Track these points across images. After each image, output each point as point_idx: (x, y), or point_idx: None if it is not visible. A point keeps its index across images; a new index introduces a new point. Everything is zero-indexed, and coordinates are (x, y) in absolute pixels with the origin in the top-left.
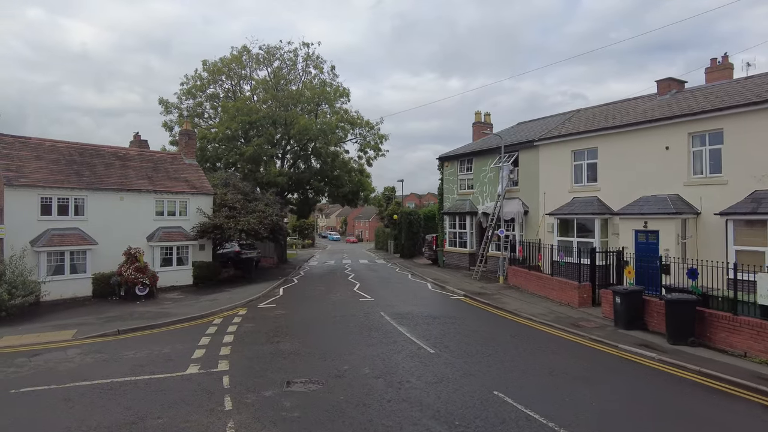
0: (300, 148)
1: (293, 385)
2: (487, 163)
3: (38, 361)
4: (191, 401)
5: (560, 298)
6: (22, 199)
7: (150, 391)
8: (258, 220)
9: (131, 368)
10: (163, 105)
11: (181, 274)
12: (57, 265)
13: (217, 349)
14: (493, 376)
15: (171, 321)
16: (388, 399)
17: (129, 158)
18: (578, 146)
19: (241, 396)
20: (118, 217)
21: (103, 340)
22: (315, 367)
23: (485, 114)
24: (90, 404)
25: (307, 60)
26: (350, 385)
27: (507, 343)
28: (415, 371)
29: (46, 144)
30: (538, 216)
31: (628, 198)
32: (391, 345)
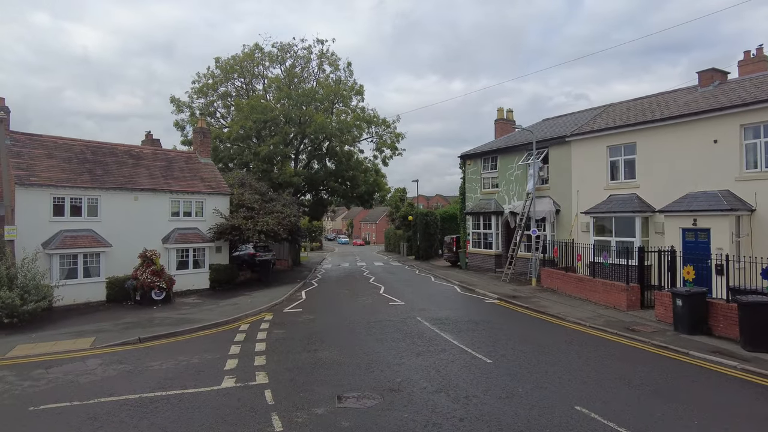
0: (314, 148)
1: (345, 401)
2: (514, 161)
3: (56, 372)
4: (234, 421)
5: (605, 301)
6: (33, 199)
7: (184, 409)
8: (277, 221)
9: (159, 382)
10: (174, 104)
11: (198, 277)
12: (70, 269)
13: (251, 359)
14: (567, 389)
15: (195, 328)
16: (460, 417)
17: (143, 157)
18: (615, 141)
19: (290, 414)
20: (132, 218)
21: (124, 349)
22: (363, 379)
23: (508, 110)
24: (120, 424)
25: (322, 57)
26: (410, 401)
27: (566, 351)
28: (478, 384)
29: (57, 142)
30: (570, 215)
31: (670, 195)
32: (440, 354)
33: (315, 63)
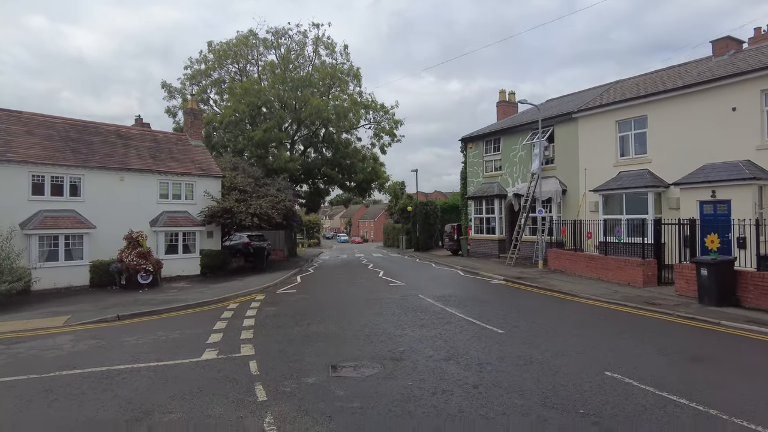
0: (311, 134)
1: (341, 370)
2: (518, 141)
3: (19, 348)
4: (210, 391)
5: (618, 279)
6: (10, 176)
7: (156, 380)
8: (271, 205)
9: (133, 355)
10: (166, 89)
11: (188, 263)
12: (50, 251)
13: (237, 333)
14: (592, 357)
15: (179, 306)
16: (474, 384)
17: (130, 137)
18: (624, 115)
19: (277, 384)
20: (118, 199)
21: (101, 326)
22: (362, 349)
23: (510, 93)
24: (79, 396)
25: (318, 42)
26: (415, 369)
27: (584, 322)
28: (490, 352)
29: (38, 119)
30: (578, 194)
31: (685, 168)
32: (446, 325)
33: (311, 48)
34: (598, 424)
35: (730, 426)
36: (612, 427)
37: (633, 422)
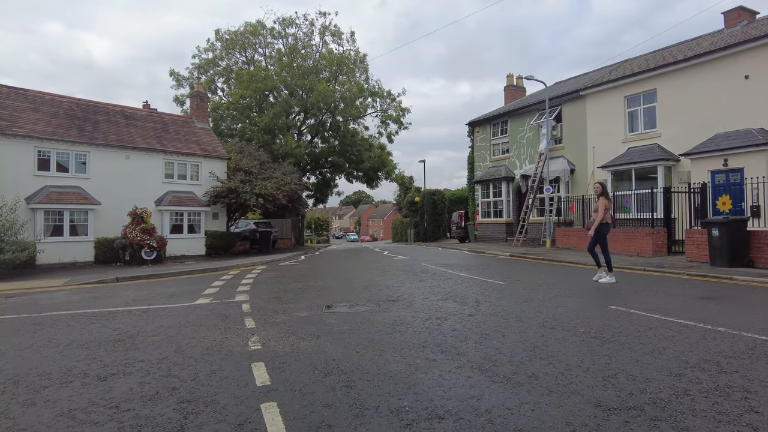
0: (318, 123)
1: (335, 307)
2: (525, 123)
3: (15, 300)
4: (199, 323)
5: (627, 250)
6: (16, 150)
7: (146, 317)
8: (276, 186)
9: (126, 302)
10: (174, 77)
11: (193, 242)
12: (55, 226)
13: (234, 288)
14: (596, 296)
15: (180, 272)
16: (469, 314)
17: (136, 118)
18: (633, 90)
19: (267, 317)
20: (123, 177)
21: (98, 286)
22: (359, 296)
23: (518, 77)
24: (65, 327)
25: (325, 30)
26: (410, 305)
27: (588, 279)
28: (490, 295)
29: (45, 97)
30: (586, 173)
31: (696, 140)
32: (447, 280)
33: (318, 38)
34: (599, 338)
35: (740, 338)
36: (613, 340)
37: (639, 337)
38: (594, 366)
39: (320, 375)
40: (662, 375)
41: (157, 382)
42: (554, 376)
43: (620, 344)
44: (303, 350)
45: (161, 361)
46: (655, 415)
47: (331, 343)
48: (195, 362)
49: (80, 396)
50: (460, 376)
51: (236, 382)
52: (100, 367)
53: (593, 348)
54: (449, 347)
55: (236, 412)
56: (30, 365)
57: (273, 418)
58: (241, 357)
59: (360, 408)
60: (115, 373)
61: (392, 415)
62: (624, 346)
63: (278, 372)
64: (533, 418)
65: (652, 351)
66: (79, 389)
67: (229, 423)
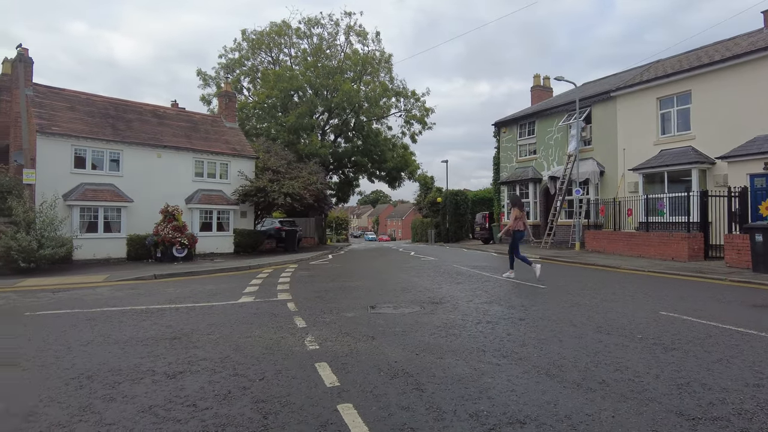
0: (341, 123)
1: (380, 308)
2: (553, 123)
3: (62, 295)
4: (248, 321)
5: (661, 254)
6: (54, 149)
7: (194, 315)
8: (303, 186)
9: (170, 299)
10: (201, 77)
11: (222, 240)
12: (90, 222)
13: (273, 287)
14: (643, 302)
15: (215, 269)
16: (520, 318)
17: (167, 117)
18: (666, 92)
19: (316, 317)
20: (155, 175)
21: (138, 282)
22: (399, 297)
23: (544, 78)
24: (118, 323)
25: (349, 30)
26: (456, 308)
27: (630, 282)
28: (535, 299)
29: (80, 96)
30: (616, 175)
31: (732, 143)
32: (484, 282)
33: (343, 37)
34: (660, 345)
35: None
36: (675, 348)
37: (701, 345)
38: (663, 374)
39: (386, 377)
40: (738, 385)
41: (226, 381)
42: (624, 382)
43: (683, 352)
44: (362, 351)
45: (224, 360)
46: (744, 426)
47: (387, 344)
48: (258, 361)
49: (155, 393)
50: (529, 381)
51: (305, 382)
52: (165, 364)
53: (656, 355)
54: (509, 352)
55: (314, 412)
56: (98, 361)
57: (354, 420)
58: (302, 357)
59: (438, 411)
60: (183, 371)
61: (472, 419)
62: (688, 354)
63: (344, 373)
64: (615, 425)
65: (720, 360)
66: (151, 386)
67: (310, 424)
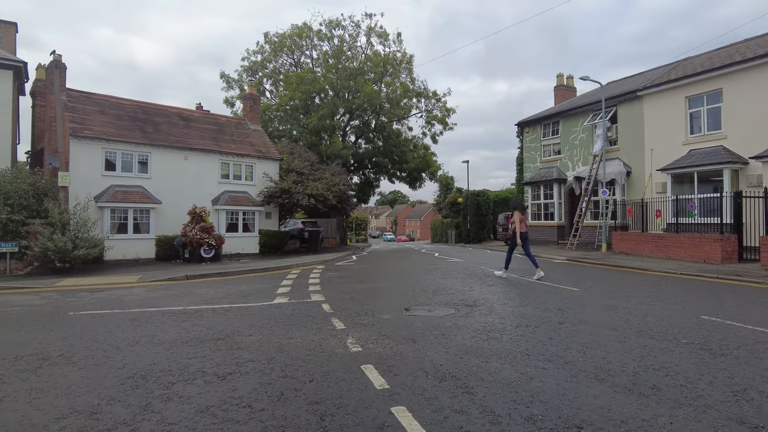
0: (362, 125)
1: (414, 310)
2: (578, 123)
3: (100, 295)
4: (287, 323)
5: (692, 256)
6: (86, 152)
7: (232, 316)
8: (326, 187)
9: (206, 300)
10: (224, 80)
11: (247, 241)
12: (120, 223)
13: (305, 288)
14: (681, 306)
15: (244, 270)
16: (558, 321)
17: (193, 119)
18: (696, 90)
19: (353, 318)
20: (182, 177)
21: (171, 283)
22: (432, 299)
23: (568, 77)
24: (160, 324)
25: (370, 32)
26: (492, 311)
27: (664, 285)
28: (570, 302)
29: (110, 100)
30: (643, 175)
31: (766, 142)
32: (516, 285)
33: (364, 39)
34: (708, 350)
35: None
36: (724, 353)
37: (750, 351)
38: (716, 380)
39: (434, 380)
40: None
41: (277, 382)
42: (677, 388)
43: (733, 357)
44: (405, 354)
45: (271, 362)
46: None
47: (429, 347)
48: (303, 363)
49: (209, 393)
50: (579, 385)
51: (354, 384)
52: (214, 365)
53: (705, 360)
54: (554, 356)
55: (369, 415)
56: (148, 361)
57: (410, 423)
58: (346, 359)
59: (492, 415)
60: (232, 372)
61: (528, 423)
62: (739, 360)
63: (391, 376)
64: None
65: None
66: (204, 387)
67: (367, 426)
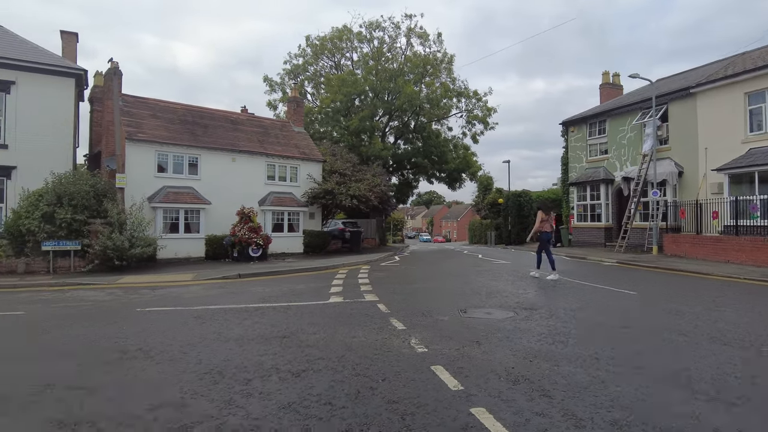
0: (401, 125)
1: (471, 312)
2: (626, 122)
3: (161, 292)
4: (347, 322)
5: (754, 260)
6: (140, 154)
7: (291, 314)
8: (368, 188)
9: (263, 298)
10: (267, 83)
11: (292, 241)
12: (172, 223)
13: (356, 287)
14: (753, 312)
15: (294, 269)
16: (622, 326)
17: (240, 122)
18: (755, 86)
19: (411, 319)
20: (230, 178)
21: (225, 281)
22: (486, 301)
23: (614, 74)
24: (224, 321)
25: (410, 32)
26: (552, 314)
27: (727, 291)
28: (629, 306)
29: (161, 104)
30: (697, 176)
31: None
32: (571, 289)
33: (404, 39)
34: None
35: None
36: None
37: None
38: None
39: (508, 382)
40: None
41: (350, 380)
42: None
43: None
44: (473, 356)
45: (341, 360)
46: None
47: (495, 350)
48: (372, 362)
49: (287, 390)
50: (658, 391)
51: (428, 384)
52: (286, 362)
53: None
54: (625, 360)
55: (449, 415)
56: (221, 357)
57: (493, 424)
58: (413, 359)
59: (575, 418)
60: (305, 370)
61: (612, 427)
62: None
63: (463, 377)
64: None
65: None
66: (280, 383)
67: (449, 426)
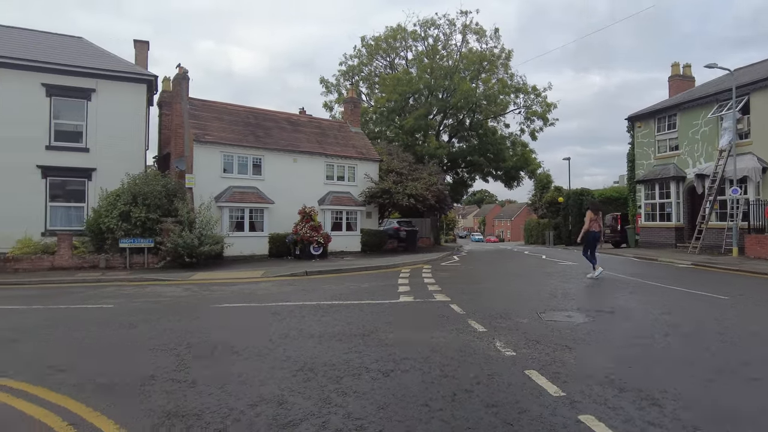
0: (456, 123)
1: (550, 315)
2: (699, 116)
3: (233, 288)
4: (423, 322)
5: None
6: (208, 155)
7: (364, 313)
8: (425, 187)
9: (333, 296)
10: (323, 85)
11: (350, 239)
12: (237, 222)
13: (423, 287)
14: None
15: (358, 267)
16: (717, 331)
17: (299, 124)
18: None
19: (490, 321)
20: (291, 178)
21: (293, 278)
22: (563, 305)
23: (684, 65)
24: (300, 317)
25: (466, 29)
26: (631, 317)
27: None
28: (724, 312)
29: (225, 107)
30: None
31: None
32: (650, 291)
33: (459, 36)
34: None
35: None
36: None
37: None
38: None
39: (613, 389)
40: None
41: (441, 382)
42: None
43: None
44: (566, 361)
45: (427, 360)
46: None
47: (587, 354)
48: (459, 364)
49: (381, 389)
50: None
51: (526, 389)
52: (372, 361)
53: None
54: (734, 369)
55: (557, 422)
56: (308, 354)
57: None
58: (503, 362)
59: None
60: (393, 369)
61: None
62: None
63: (561, 382)
64: None
65: None
66: (372, 382)
67: None
